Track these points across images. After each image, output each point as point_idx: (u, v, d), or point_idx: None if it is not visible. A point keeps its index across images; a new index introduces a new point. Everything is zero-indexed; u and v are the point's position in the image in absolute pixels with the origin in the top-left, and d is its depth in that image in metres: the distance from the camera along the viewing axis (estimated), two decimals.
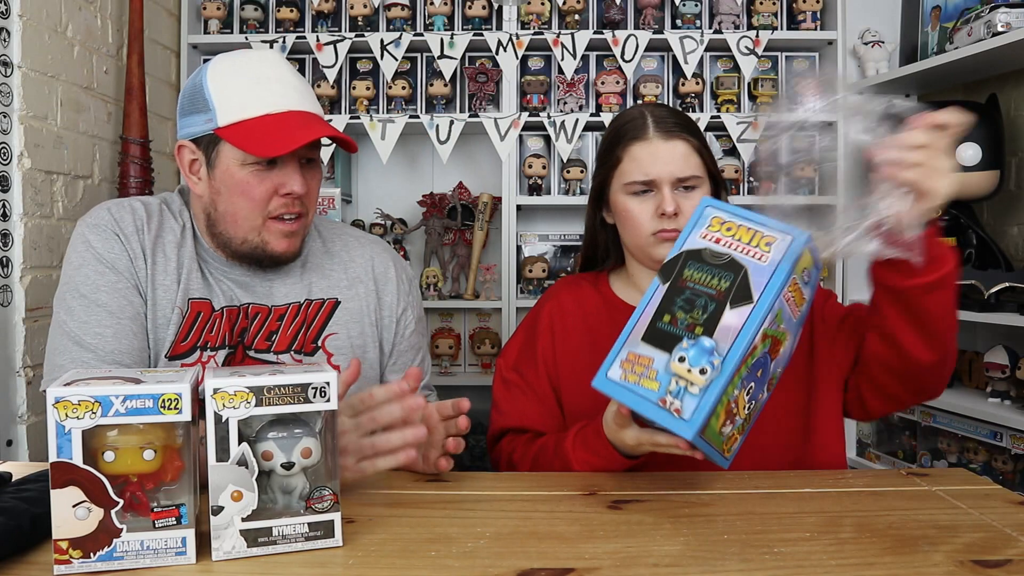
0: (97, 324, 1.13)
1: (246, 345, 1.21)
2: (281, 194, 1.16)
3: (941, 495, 1.00)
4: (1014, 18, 1.96)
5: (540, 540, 0.85)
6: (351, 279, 1.30)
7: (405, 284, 1.36)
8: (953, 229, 2.30)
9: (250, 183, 1.15)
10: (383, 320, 1.32)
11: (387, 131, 2.51)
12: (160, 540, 0.77)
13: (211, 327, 1.19)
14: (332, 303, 1.27)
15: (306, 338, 1.24)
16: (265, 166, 1.15)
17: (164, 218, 1.22)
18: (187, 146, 1.19)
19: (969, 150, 2.17)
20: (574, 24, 2.57)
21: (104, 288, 1.15)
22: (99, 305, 1.14)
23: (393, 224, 2.68)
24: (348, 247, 1.33)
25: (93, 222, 1.19)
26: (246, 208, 1.16)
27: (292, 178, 1.15)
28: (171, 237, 1.21)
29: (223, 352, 1.19)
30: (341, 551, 0.82)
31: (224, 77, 1.16)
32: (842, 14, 2.52)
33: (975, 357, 2.26)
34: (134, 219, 1.19)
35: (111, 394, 0.74)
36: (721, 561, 0.79)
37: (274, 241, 1.19)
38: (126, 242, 1.17)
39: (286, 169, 1.16)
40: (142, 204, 1.22)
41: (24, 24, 1.75)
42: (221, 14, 2.59)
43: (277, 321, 1.23)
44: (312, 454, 0.81)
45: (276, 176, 1.15)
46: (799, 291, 0.90)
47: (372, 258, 1.34)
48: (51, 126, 1.87)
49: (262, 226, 1.18)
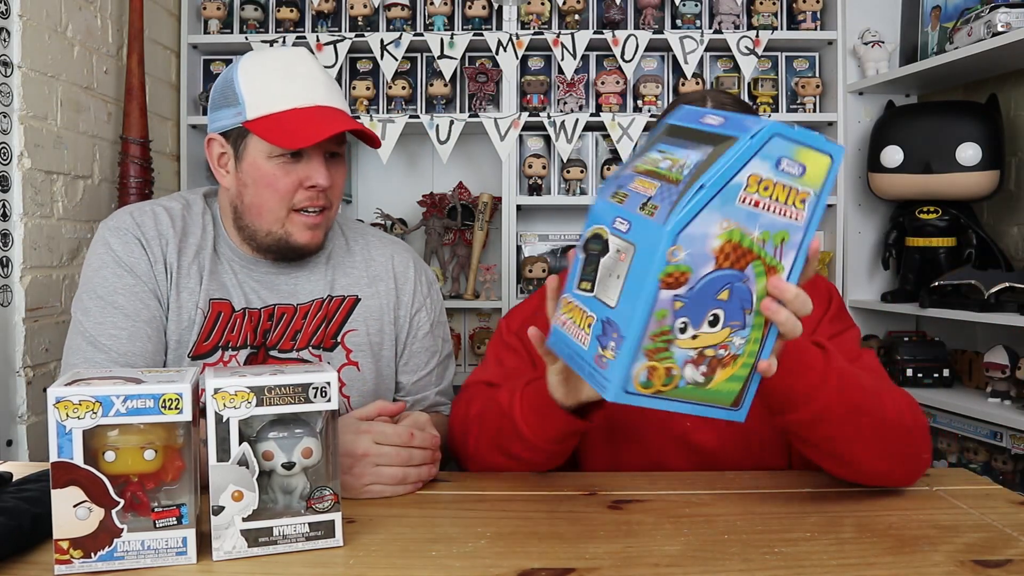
0: (112, 326, 1.14)
1: (268, 346, 1.22)
2: (306, 187, 1.17)
3: (942, 495, 1.00)
4: (1014, 18, 1.96)
5: (541, 540, 0.85)
6: (372, 277, 1.31)
7: (424, 286, 1.36)
8: (953, 229, 2.30)
9: (276, 175, 1.17)
10: (399, 319, 1.33)
11: (387, 131, 2.51)
12: (161, 540, 0.77)
13: (232, 327, 1.20)
14: (353, 300, 1.28)
15: (326, 333, 1.25)
16: (291, 159, 1.16)
17: (187, 223, 1.23)
18: (216, 139, 1.21)
19: (969, 150, 2.17)
20: (574, 24, 2.57)
21: (122, 291, 1.16)
22: (115, 307, 1.15)
23: (393, 224, 2.68)
24: (370, 246, 1.35)
25: (114, 225, 1.20)
26: (272, 200, 1.18)
27: (317, 171, 1.17)
28: (193, 240, 1.22)
29: (245, 352, 1.20)
30: (342, 551, 0.82)
31: (254, 72, 1.19)
32: (842, 14, 2.52)
33: (975, 357, 2.26)
34: (156, 224, 1.20)
35: (112, 394, 0.74)
36: (722, 561, 0.79)
37: (297, 233, 1.20)
38: (147, 247, 1.18)
39: (311, 162, 1.17)
40: (164, 209, 1.23)
41: (24, 24, 1.75)
42: (221, 14, 2.59)
43: (302, 319, 1.24)
44: (313, 454, 0.81)
45: (301, 169, 1.17)
46: (776, 187, 0.73)
47: (392, 257, 1.35)
48: (51, 126, 1.87)
49: (286, 218, 1.19)
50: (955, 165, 2.19)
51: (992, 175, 2.18)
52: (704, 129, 0.78)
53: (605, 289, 0.77)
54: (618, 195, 0.79)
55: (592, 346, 0.77)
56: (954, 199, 2.27)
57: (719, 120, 0.77)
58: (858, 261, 2.60)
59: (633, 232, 0.74)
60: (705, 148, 0.75)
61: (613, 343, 0.74)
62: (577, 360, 0.81)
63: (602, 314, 0.76)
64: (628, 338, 0.73)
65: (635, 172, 0.80)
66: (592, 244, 0.79)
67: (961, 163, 2.18)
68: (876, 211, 2.59)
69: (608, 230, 0.77)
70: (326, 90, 1.19)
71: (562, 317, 0.84)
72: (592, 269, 0.79)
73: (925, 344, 2.33)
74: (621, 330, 0.74)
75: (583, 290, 0.80)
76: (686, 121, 0.81)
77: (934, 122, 2.26)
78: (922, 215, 2.33)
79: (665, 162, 0.77)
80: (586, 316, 0.79)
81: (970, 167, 2.18)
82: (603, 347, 0.76)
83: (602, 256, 0.78)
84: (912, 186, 2.30)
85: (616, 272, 0.75)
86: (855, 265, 2.59)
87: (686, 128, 0.80)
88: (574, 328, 0.81)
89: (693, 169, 0.73)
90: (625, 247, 0.75)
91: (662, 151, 0.79)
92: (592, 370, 0.78)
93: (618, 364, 0.74)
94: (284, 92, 1.16)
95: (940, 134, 2.23)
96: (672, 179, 0.74)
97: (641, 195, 0.76)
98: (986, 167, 2.17)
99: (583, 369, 0.80)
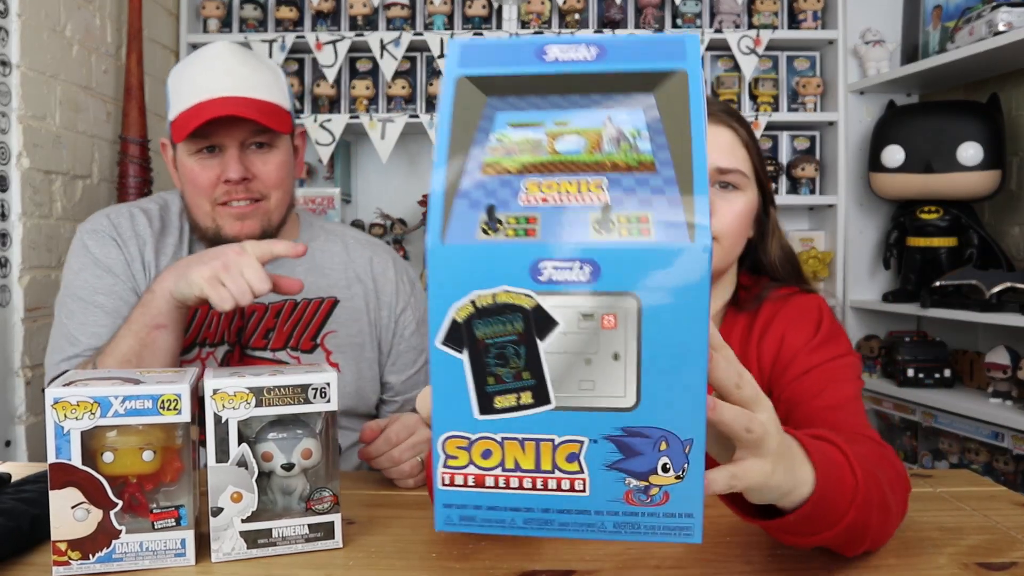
0: (94, 324, 1.16)
1: (243, 344, 1.22)
2: (223, 180, 1.18)
3: (945, 497, 0.99)
4: (1015, 17, 1.96)
5: (541, 541, 0.84)
6: (350, 279, 1.31)
7: (406, 285, 1.36)
8: (954, 229, 2.30)
9: (195, 171, 1.18)
10: (381, 320, 1.32)
11: (387, 131, 2.50)
12: (159, 541, 0.76)
13: (208, 324, 1.21)
14: (331, 302, 1.28)
15: (303, 336, 1.25)
16: (207, 154, 1.18)
17: (165, 223, 1.25)
18: (166, 143, 1.26)
19: (970, 150, 2.17)
20: (574, 23, 2.57)
21: (101, 291, 1.18)
22: (96, 306, 1.17)
23: (393, 224, 2.68)
24: (348, 247, 1.34)
25: (91, 228, 1.22)
26: (196, 196, 1.20)
27: (228, 165, 1.17)
28: (171, 240, 1.24)
29: (222, 349, 1.21)
30: (341, 552, 0.81)
31: (177, 72, 1.22)
32: (843, 13, 2.52)
33: (976, 357, 2.26)
34: (133, 225, 1.22)
35: (110, 395, 0.74)
36: (724, 563, 0.79)
37: (227, 225, 1.20)
38: (123, 247, 1.20)
39: (225, 156, 1.18)
40: (141, 210, 1.25)
41: (23, 23, 1.75)
42: (220, 13, 2.59)
43: (274, 318, 1.24)
44: (312, 455, 0.80)
45: (218, 163, 1.18)
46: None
47: (371, 258, 1.34)
48: (50, 126, 1.86)
49: (213, 212, 1.20)
50: (956, 165, 2.19)
51: (993, 175, 2.18)
52: (574, 71, 0.51)
53: (586, 387, 0.49)
54: (507, 224, 0.48)
55: (607, 485, 0.50)
56: (955, 199, 2.26)
57: (590, 51, 0.51)
58: (859, 261, 2.60)
59: (609, 275, 0.47)
60: (618, 96, 0.50)
61: (667, 459, 0.49)
62: (542, 517, 0.52)
63: (607, 428, 0.49)
64: (698, 438, 0.49)
65: (508, 174, 0.49)
66: (491, 327, 0.48)
67: (962, 163, 2.18)
68: (877, 211, 2.59)
69: (526, 291, 0.48)
70: (237, 80, 1.17)
71: (467, 471, 0.51)
72: (517, 367, 0.49)
73: (926, 344, 2.33)
74: (678, 431, 0.49)
75: (512, 407, 0.49)
76: (508, 66, 0.52)
77: (935, 122, 2.26)
78: (923, 215, 2.32)
79: (566, 140, 0.49)
80: (556, 446, 0.50)
81: (971, 167, 2.17)
82: (639, 474, 0.50)
83: (532, 339, 0.48)
84: (913, 186, 2.29)
85: (601, 350, 0.48)
86: (856, 265, 2.59)
87: (531, 77, 0.51)
88: (520, 476, 0.51)
89: (657, 135, 0.49)
90: (603, 305, 0.47)
91: (527, 123, 0.50)
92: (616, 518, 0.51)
93: (692, 483, 0.50)
94: (192, 88, 1.17)
95: (941, 134, 2.22)
96: (622, 163, 0.48)
97: (576, 208, 0.48)
98: (987, 167, 2.17)
99: (575, 527, 0.52)
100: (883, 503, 0.74)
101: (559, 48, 0.51)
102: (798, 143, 2.66)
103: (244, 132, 1.17)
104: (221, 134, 1.16)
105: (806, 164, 2.60)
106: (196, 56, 1.22)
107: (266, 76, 1.21)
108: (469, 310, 0.48)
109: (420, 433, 1.04)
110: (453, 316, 0.48)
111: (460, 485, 0.51)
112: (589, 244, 0.47)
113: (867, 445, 0.83)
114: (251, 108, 1.15)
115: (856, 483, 0.69)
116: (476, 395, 0.50)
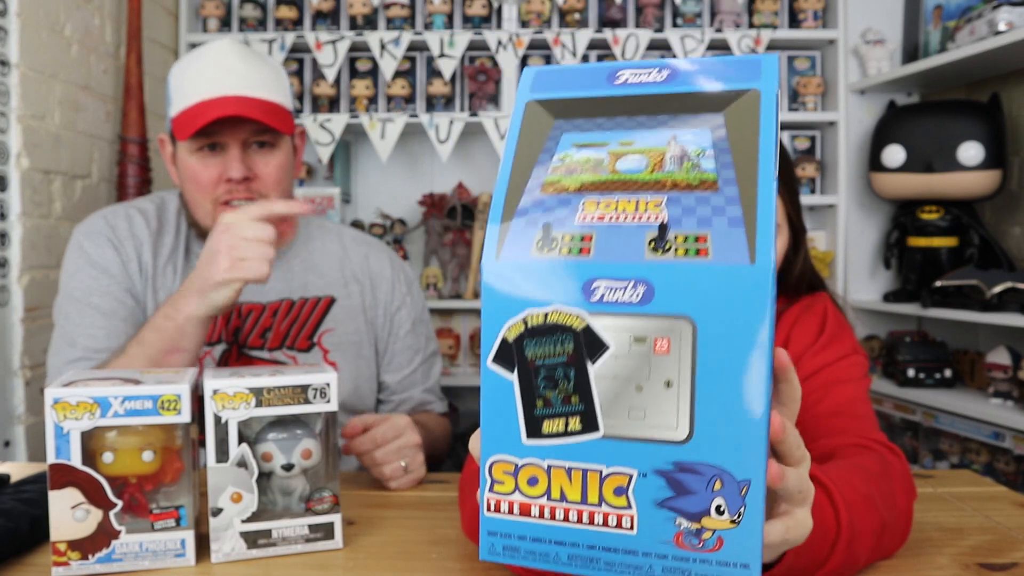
0: (91, 325, 1.16)
1: (240, 343, 1.22)
2: (225, 179, 1.17)
3: (946, 497, 0.99)
4: (1016, 17, 1.95)
5: None
6: (347, 277, 1.31)
7: (403, 284, 1.35)
8: (955, 229, 2.30)
9: (196, 169, 1.18)
10: (377, 319, 1.32)
11: (387, 130, 2.50)
12: (159, 542, 0.76)
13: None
14: (328, 300, 1.28)
15: (300, 335, 1.25)
16: (209, 152, 1.17)
17: (162, 223, 1.25)
18: (165, 139, 1.26)
19: (971, 149, 2.16)
20: (574, 23, 2.57)
21: (97, 292, 1.18)
22: (92, 307, 1.17)
23: (393, 224, 2.67)
24: (345, 246, 1.34)
25: (87, 229, 1.22)
26: (197, 194, 1.19)
27: (231, 164, 1.17)
28: (168, 240, 1.24)
29: (219, 348, 1.21)
30: (341, 553, 0.81)
31: (180, 69, 1.21)
32: (843, 13, 2.51)
33: (977, 358, 2.26)
34: (129, 226, 1.22)
35: (110, 395, 0.73)
36: None
37: None
38: (119, 248, 1.20)
39: (227, 154, 1.17)
40: (138, 211, 1.25)
41: (22, 23, 1.74)
42: (220, 13, 2.58)
43: (271, 317, 1.24)
44: (312, 455, 0.80)
45: (220, 162, 1.17)
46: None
47: (368, 257, 1.34)
48: (49, 125, 1.86)
49: (213, 211, 1.19)
50: (957, 165, 2.19)
51: (994, 175, 2.17)
52: (644, 92, 0.51)
53: (636, 416, 0.46)
54: (562, 241, 0.47)
55: (656, 524, 0.46)
56: (956, 199, 2.26)
57: (661, 74, 0.51)
58: (860, 261, 2.60)
59: (663, 296, 0.44)
60: (686, 117, 0.49)
61: (722, 500, 0.45)
62: (588, 555, 0.48)
63: (657, 461, 0.46)
64: (756, 480, 0.44)
65: (567, 192, 0.49)
66: (542, 347, 0.47)
67: (963, 163, 2.18)
68: (878, 211, 2.59)
69: (580, 311, 0.46)
70: (239, 79, 1.17)
71: (513, 498, 0.49)
72: (567, 391, 0.47)
73: (927, 344, 2.33)
74: (733, 470, 0.45)
75: (559, 433, 0.47)
76: (579, 90, 0.52)
77: (936, 121, 2.26)
78: (924, 215, 2.32)
79: (628, 159, 0.49)
80: (604, 477, 0.47)
81: (972, 167, 2.17)
82: (691, 515, 0.46)
83: (582, 362, 0.46)
84: (914, 186, 2.29)
85: (652, 376, 0.45)
86: (856, 265, 2.59)
87: (600, 99, 0.51)
88: (566, 508, 0.48)
89: (723, 154, 0.47)
90: (656, 328, 0.45)
91: (591, 144, 0.50)
92: (665, 562, 0.47)
93: (750, 530, 0.45)
94: (195, 85, 1.16)
95: (942, 133, 2.22)
96: (682, 182, 0.47)
97: (633, 227, 0.46)
98: (988, 167, 2.16)
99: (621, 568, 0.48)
100: (878, 527, 0.73)
101: (631, 71, 0.51)
102: (798, 143, 2.66)
103: (247, 131, 1.17)
104: (224, 133, 1.15)
105: (807, 164, 2.60)
106: (199, 53, 1.22)
107: (269, 75, 1.21)
108: (520, 328, 0.47)
109: (407, 437, 1.04)
110: (504, 334, 0.47)
111: (505, 512, 0.49)
112: (643, 263, 0.44)
113: (868, 456, 0.82)
114: (255, 108, 1.15)
115: (839, 526, 0.68)
116: (524, 418, 0.48)
